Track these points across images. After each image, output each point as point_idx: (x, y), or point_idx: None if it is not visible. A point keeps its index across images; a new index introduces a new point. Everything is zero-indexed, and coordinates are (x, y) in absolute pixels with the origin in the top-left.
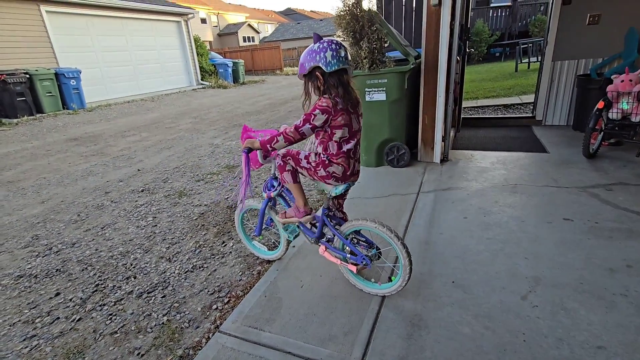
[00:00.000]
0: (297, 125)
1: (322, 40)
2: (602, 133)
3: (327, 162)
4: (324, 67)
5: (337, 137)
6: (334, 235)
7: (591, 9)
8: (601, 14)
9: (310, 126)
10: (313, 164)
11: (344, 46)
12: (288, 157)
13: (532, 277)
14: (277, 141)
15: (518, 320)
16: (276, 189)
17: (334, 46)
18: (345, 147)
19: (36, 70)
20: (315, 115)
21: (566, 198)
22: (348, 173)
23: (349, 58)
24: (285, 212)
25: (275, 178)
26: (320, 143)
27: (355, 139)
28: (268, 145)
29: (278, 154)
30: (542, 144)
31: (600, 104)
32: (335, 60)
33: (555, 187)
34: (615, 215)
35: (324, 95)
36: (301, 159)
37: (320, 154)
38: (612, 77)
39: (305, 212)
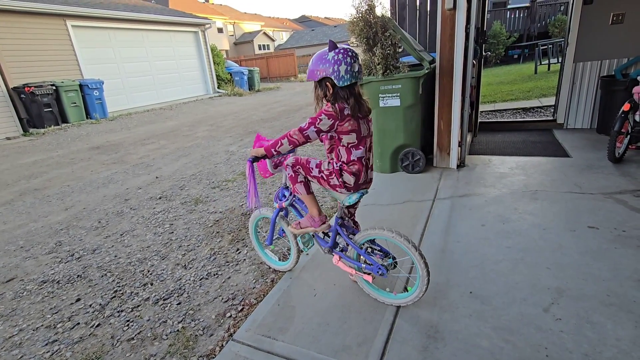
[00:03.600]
0: (302, 128)
1: (337, 50)
2: (628, 136)
3: (339, 171)
4: (336, 82)
5: (344, 142)
6: (348, 245)
7: (614, 7)
8: (625, 12)
9: (315, 129)
10: (325, 172)
11: (357, 58)
12: (298, 167)
13: (554, 288)
14: (282, 144)
15: (540, 333)
16: (287, 199)
17: (349, 60)
18: (355, 154)
19: (62, 82)
20: (321, 120)
21: (591, 205)
22: (360, 182)
23: (362, 72)
24: (300, 222)
25: (287, 188)
26: (330, 150)
27: (364, 146)
28: (273, 150)
29: (287, 165)
30: (564, 148)
31: (626, 106)
32: (348, 76)
33: (579, 194)
34: None
35: (331, 102)
36: (312, 168)
37: (332, 161)
38: (638, 77)
39: (321, 221)
